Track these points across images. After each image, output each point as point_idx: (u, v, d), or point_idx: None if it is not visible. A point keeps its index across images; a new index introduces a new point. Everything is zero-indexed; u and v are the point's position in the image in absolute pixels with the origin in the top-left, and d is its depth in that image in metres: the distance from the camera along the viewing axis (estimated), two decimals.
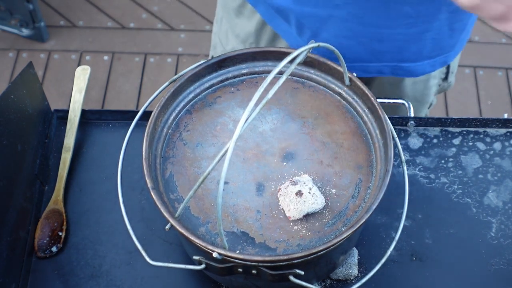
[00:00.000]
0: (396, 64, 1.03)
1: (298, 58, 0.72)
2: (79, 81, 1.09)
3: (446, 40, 1.02)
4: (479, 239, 0.98)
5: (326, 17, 0.95)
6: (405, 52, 1.01)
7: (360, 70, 1.04)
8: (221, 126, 0.88)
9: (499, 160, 1.04)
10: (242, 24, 1.11)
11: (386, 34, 0.97)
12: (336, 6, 0.93)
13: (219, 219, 0.68)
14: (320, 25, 0.96)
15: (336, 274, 0.93)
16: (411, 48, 1.00)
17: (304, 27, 0.98)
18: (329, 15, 0.95)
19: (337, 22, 0.95)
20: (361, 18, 0.94)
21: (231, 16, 1.13)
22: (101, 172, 1.04)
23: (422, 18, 0.94)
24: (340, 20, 0.95)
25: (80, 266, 0.96)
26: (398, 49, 1.00)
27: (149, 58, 2.25)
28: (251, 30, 1.10)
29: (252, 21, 1.09)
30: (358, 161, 0.85)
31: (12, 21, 2.24)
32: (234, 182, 0.84)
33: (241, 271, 0.79)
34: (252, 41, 1.11)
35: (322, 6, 0.94)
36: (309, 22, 0.97)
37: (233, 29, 1.14)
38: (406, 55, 1.02)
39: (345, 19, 0.94)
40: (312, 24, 0.97)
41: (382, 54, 1.01)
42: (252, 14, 1.08)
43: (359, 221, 0.77)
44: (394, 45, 0.99)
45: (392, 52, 1.01)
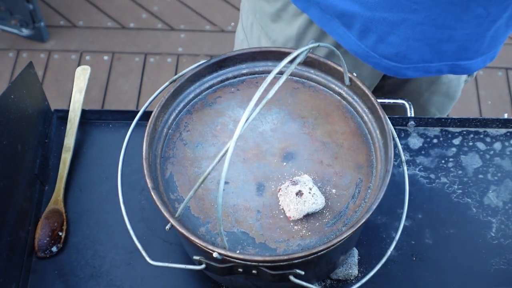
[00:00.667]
0: (455, 62, 1.02)
1: (298, 58, 0.72)
2: (79, 81, 1.09)
3: (501, 37, 1.01)
4: (479, 239, 0.98)
5: (399, 21, 0.93)
6: (467, 50, 1.00)
7: (421, 70, 1.02)
8: (221, 126, 0.88)
9: (499, 160, 1.04)
10: (280, 29, 1.10)
11: (454, 34, 0.96)
12: (413, 11, 0.91)
13: (219, 219, 0.68)
14: (390, 29, 0.95)
15: (336, 274, 0.93)
16: (473, 47, 0.99)
17: (370, 31, 0.96)
18: (403, 19, 0.93)
19: (410, 26, 0.94)
20: (435, 21, 0.93)
21: (266, 22, 1.11)
22: (101, 172, 1.04)
23: (490, 17, 0.94)
24: (414, 23, 0.93)
25: (80, 266, 0.96)
26: (461, 48, 0.99)
27: (149, 58, 2.25)
28: (292, 34, 1.08)
29: (292, 25, 1.07)
30: (358, 161, 0.85)
31: (12, 21, 2.25)
32: (234, 182, 0.84)
33: (241, 271, 0.79)
34: (292, 46, 1.10)
35: (396, 11, 0.92)
36: (378, 26, 0.95)
37: (269, 34, 1.12)
38: (466, 54, 1.01)
39: (419, 23, 0.93)
40: (380, 29, 0.95)
41: (445, 53, 1.00)
42: (292, 18, 1.07)
43: (359, 221, 0.77)
44: (459, 44, 0.98)
45: (455, 51, 1.00)
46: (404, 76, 1.03)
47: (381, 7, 0.93)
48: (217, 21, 2.35)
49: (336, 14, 0.98)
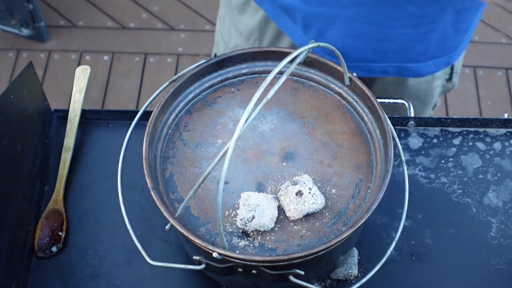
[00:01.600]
0: (401, 64, 1.03)
1: (298, 58, 0.72)
2: (79, 81, 1.09)
3: (450, 40, 1.02)
4: (479, 239, 0.98)
5: (333, 16, 0.95)
6: (410, 52, 1.01)
7: (365, 70, 1.04)
8: (221, 126, 0.88)
9: (499, 160, 1.04)
10: (245, 21, 1.11)
11: (392, 34, 0.97)
12: (343, 6, 0.93)
13: (219, 219, 0.68)
14: (327, 24, 0.97)
15: (336, 274, 0.93)
16: (416, 48, 1.00)
17: (310, 26, 0.98)
18: (336, 15, 0.95)
19: (344, 22, 0.95)
20: (368, 18, 0.94)
21: (234, 13, 1.13)
22: (101, 172, 1.04)
23: (428, 18, 0.94)
24: (347, 20, 0.95)
25: (80, 266, 0.96)
26: (403, 49, 1.00)
27: (149, 58, 2.25)
28: (255, 27, 1.10)
29: (255, 17, 1.09)
30: (358, 161, 0.85)
31: (12, 21, 2.25)
32: (234, 182, 0.84)
33: (241, 271, 0.79)
34: (256, 38, 1.11)
35: (329, 6, 0.94)
36: (316, 21, 0.97)
37: (236, 26, 1.14)
38: (411, 55, 1.02)
39: (352, 19, 0.95)
40: (318, 24, 0.97)
41: (387, 54, 1.01)
42: (255, 11, 1.08)
43: (359, 221, 0.77)
44: (400, 45, 0.99)
45: (397, 52, 1.01)
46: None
47: (316, 2, 0.95)
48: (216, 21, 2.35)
49: (280, 7, 1.00)
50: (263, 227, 0.79)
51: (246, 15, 1.11)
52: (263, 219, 0.78)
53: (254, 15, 1.09)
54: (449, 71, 1.20)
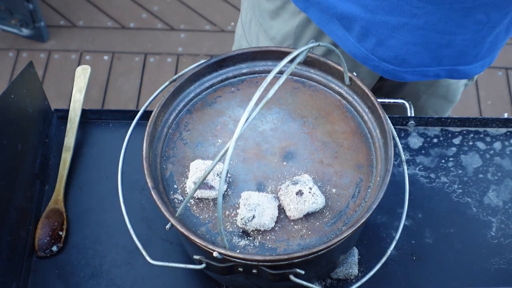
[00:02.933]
0: (453, 67, 1.02)
1: (298, 58, 0.72)
2: (79, 81, 1.09)
3: (499, 43, 1.02)
4: (479, 238, 0.98)
5: (399, 25, 0.93)
6: (465, 56, 1.00)
7: (419, 74, 1.03)
8: (221, 125, 0.88)
9: (499, 159, 1.04)
10: (278, 27, 1.10)
11: (454, 40, 0.96)
12: (413, 15, 0.91)
13: (220, 218, 0.68)
14: (390, 32, 0.95)
15: (337, 274, 0.93)
16: (471, 52, 1.00)
17: (370, 34, 0.96)
18: (403, 23, 0.93)
19: (411, 30, 0.94)
20: (435, 26, 0.93)
21: (265, 19, 1.12)
22: (101, 172, 1.04)
23: (491, 23, 0.94)
24: (414, 28, 0.93)
25: (81, 265, 0.96)
26: (460, 53, 0.99)
27: (149, 58, 2.25)
28: (290, 33, 1.08)
29: (291, 23, 1.08)
30: (358, 160, 0.85)
31: (12, 21, 2.25)
32: (234, 181, 0.84)
33: (241, 271, 0.79)
34: (290, 43, 1.10)
35: (397, 15, 0.92)
36: (378, 29, 0.95)
37: (267, 31, 1.12)
38: (465, 59, 1.01)
39: (419, 28, 0.93)
40: (380, 32, 0.95)
41: (444, 58, 1.00)
42: (291, 16, 1.07)
43: (359, 220, 0.77)
44: (458, 49, 0.98)
45: (454, 56, 1.00)
46: (402, 79, 1.03)
47: (382, 11, 0.93)
48: (217, 21, 2.35)
49: (335, 15, 0.97)
50: (263, 226, 0.79)
51: (280, 20, 1.09)
52: (264, 219, 0.79)
53: (290, 21, 1.07)
54: None
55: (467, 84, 1.25)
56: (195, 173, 0.81)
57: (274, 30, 1.11)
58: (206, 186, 0.81)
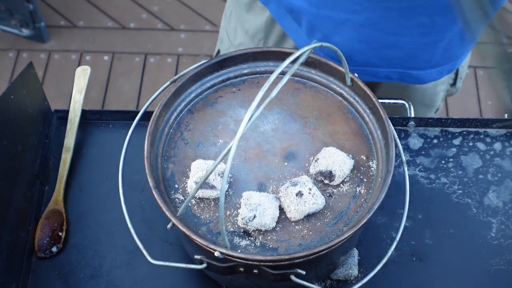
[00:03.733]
0: (405, 70, 1.03)
1: (301, 58, 0.72)
2: (79, 81, 1.09)
3: (456, 50, 1.02)
4: (479, 239, 0.98)
5: (342, 21, 0.95)
6: (415, 59, 1.01)
7: (368, 74, 1.03)
8: (222, 126, 0.88)
9: (500, 160, 1.04)
10: (251, 20, 1.11)
11: (399, 41, 0.97)
12: (354, 11, 0.93)
13: (221, 218, 0.68)
14: (334, 28, 0.96)
15: (336, 275, 0.93)
16: (422, 56, 1.00)
17: (316, 29, 0.98)
18: (346, 19, 0.94)
19: (353, 27, 0.95)
20: (377, 24, 0.94)
21: (242, 11, 1.13)
22: (101, 172, 1.04)
23: (437, 28, 0.94)
24: (356, 25, 0.94)
25: (80, 266, 0.96)
26: (408, 56, 1.00)
27: (149, 58, 2.25)
28: (261, 26, 1.10)
29: (262, 17, 1.09)
30: (359, 161, 0.85)
31: (12, 21, 2.24)
32: (235, 181, 0.84)
33: (242, 271, 0.78)
34: (261, 37, 1.11)
35: (339, 10, 0.94)
36: (323, 24, 0.97)
37: (243, 24, 1.13)
38: (416, 63, 1.02)
39: (361, 25, 0.94)
40: (325, 27, 0.97)
41: (392, 60, 1.01)
42: (262, 10, 1.08)
43: (360, 221, 0.77)
44: (405, 52, 0.99)
45: (402, 58, 1.01)
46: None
47: (325, 5, 0.94)
48: (217, 21, 2.35)
49: (286, 9, 0.99)
50: (264, 226, 0.79)
51: (253, 13, 1.10)
52: (264, 219, 0.78)
53: (262, 14, 1.09)
54: (454, 76, 1.20)
55: (450, 90, 1.25)
56: (196, 173, 0.81)
57: (248, 23, 1.12)
58: (207, 186, 0.81)
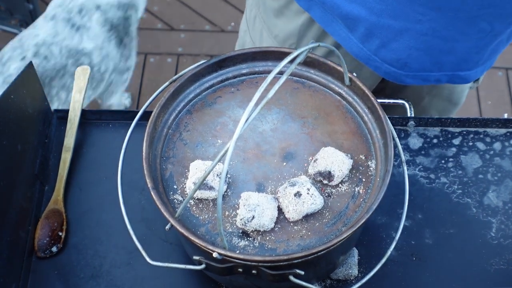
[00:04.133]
0: (454, 73, 1.03)
1: (298, 58, 0.72)
2: (79, 81, 1.09)
3: (500, 49, 1.03)
4: (479, 239, 0.98)
5: (403, 29, 0.94)
6: (467, 62, 1.01)
7: (420, 78, 1.03)
8: (221, 126, 0.88)
9: (499, 160, 1.04)
10: (282, 25, 1.10)
11: (456, 47, 0.97)
12: (418, 21, 0.92)
13: (219, 219, 0.68)
14: (393, 36, 0.95)
15: (336, 274, 0.93)
16: (472, 59, 1.00)
17: (374, 36, 0.97)
18: (407, 28, 0.94)
19: (414, 35, 0.94)
20: (439, 32, 0.93)
21: (269, 16, 1.12)
22: (101, 172, 1.04)
23: (493, 32, 0.95)
24: (418, 33, 0.94)
25: (80, 266, 0.96)
26: (461, 60, 1.00)
27: (149, 58, 2.25)
28: (293, 31, 1.09)
29: (294, 22, 1.08)
30: (358, 161, 0.85)
31: (12, 21, 2.24)
32: (234, 182, 0.84)
33: (241, 271, 0.79)
34: (293, 42, 1.10)
35: (402, 19, 0.93)
36: (382, 32, 0.96)
37: (271, 29, 1.12)
38: (466, 65, 1.02)
39: (423, 33, 0.94)
40: (384, 35, 0.96)
41: (445, 64, 1.01)
42: (295, 15, 1.07)
43: (359, 221, 0.77)
44: (459, 56, 0.99)
45: (455, 63, 1.01)
46: (402, 82, 1.04)
47: (387, 14, 0.93)
48: (217, 21, 2.35)
49: (340, 15, 0.98)
50: (263, 227, 0.79)
51: (284, 19, 1.09)
52: (263, 219, 0.78)
53: (294, 20, 1.07)
54: None
55: (471, 86, 1.25)
56: (195, 174, 0.81)
57: (278, 28, 1.11)
58: (206, 187, 0.81)
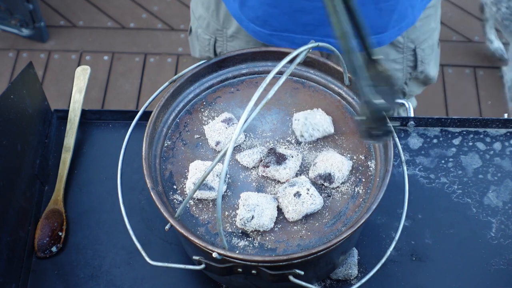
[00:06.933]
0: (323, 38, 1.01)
1: (298, 58, 0.72)
2: (79, 81, 1.09)
3: (374, 20, 1.02)
4: (479, 239, 0.98)
5: None
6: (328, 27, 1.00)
7: (288, 40, 1.06)
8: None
9: (499, 160, 1.04)
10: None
11: (306, 6, 0.99)
12: None
13: (219, 219, 0.68)
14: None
15: (336, 274, 0.93)
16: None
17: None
18: None
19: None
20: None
21: None
22: (101, 172, 1.04)
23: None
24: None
25: (80, 266, 0.96)
26: (320, 23, 1.01)
27: (149, 58, 2.25)
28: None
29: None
30: (357, 161, 0.85)
31: (12, 21, 2.24)
32: (233, 182, 0.84)
33: (241, 271, 0.78)
34: (214, 9, 1.14)
35: None
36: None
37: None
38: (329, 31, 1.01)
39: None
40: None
41: (308, 26, 1.02)
42: None
43: (359, 221, 0.77)
44: (316, 18, 1.01)
45: (316, 25, 1.02)
46: (270, 42, 1.07)
47: None
48: None
49: None
50: (262, 227, 0.79)
51: None
52: (263, 219, 0.78)
53: None
54: (412, 58, 1.17)
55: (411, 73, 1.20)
56: (195, 174, 0.81)
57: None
58: (205, 187, 0.81)
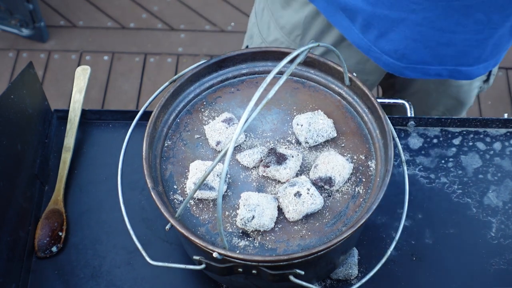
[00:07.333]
0: (455, 67, 1.03)
1: (298, 58, 0.72)
2: (79, 81, 1.09)
3: (503, 45, 1.03)
4: (479, 239, 0.98)
5: (399, 19, 0.95)
6: (467, 56, 1.01)
7: (420, 72, 1.04)
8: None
9: (499, 160, 1.04)
10: (288, 16, 1.12)
11: (454, 39, 0.97)
12: (412, 11, 0.93)
13: (219, 219, 0.68)
14: (390, 26, 0.97)
15: (336, 274, 0.93)
16: (473, 53, 1.01)
17: (372, 27, 0.98)
18: (403, 18, 0.95)
19: (409, 26, 0.95)
20: (434, 23, 0.94)
21: (276, 8, 1.13)
22: (101, 172, 1.04)
23: (491, 24, 0.95)
24: (413, 24, 0.95)
25: (80, 266, 0.96)
26: (461, 53, 1.00)
27: (149, 58, 2.25)
28: (299, 22, 1.10)
29: (301, 13, 1.09)
30: (358, 161, 0.85)
31: (12, 21, 2.24)
32: (234, 182, 0.84)
33: (241, 271, 0.78)
34: (299, 33, 1.12)
35: (396, 9, 0.94)
36: (379, 22, 0.97)
37: (278, 20, 1.14)
38: (467, 60, 1.02)
39: (418, 24, 0.95)
40: (381, 25, 0.97)
41: (445, 57, 1.01)
42: (301, 7, 1.09)
43: (359, 221, 0.77)
44: (458, 49, 1.00)
45: (455, 56, 1.01)
46: (402, 75, 1.05)
47: (382, 4, 0.94)
48: (217, 21, 2.35)
49: (340, 6, 1.00)
50: (263, 227, 0.79)
51: (290, 10, 1.11)
52: (263, 219, 0.78)
53: (300, 11, 1.09)
54: (487, 72, 1.20)
55: (482, 87, 1.25)
56: (195, 174, 0.81)
57: (284, 19, 1.13)
58: (206, 187, 0.81)
